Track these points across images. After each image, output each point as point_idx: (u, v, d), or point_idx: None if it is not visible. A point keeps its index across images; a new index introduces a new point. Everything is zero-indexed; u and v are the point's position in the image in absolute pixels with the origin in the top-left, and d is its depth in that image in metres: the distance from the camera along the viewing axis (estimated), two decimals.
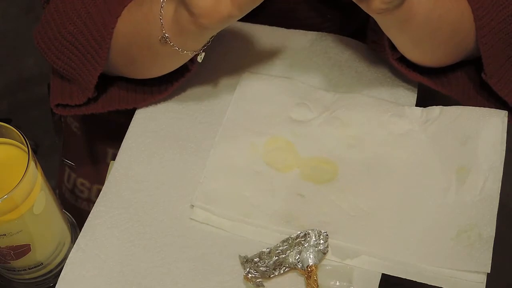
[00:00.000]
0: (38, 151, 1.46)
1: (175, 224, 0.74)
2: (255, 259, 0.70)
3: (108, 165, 0.80)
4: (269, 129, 0.79)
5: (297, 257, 0.70)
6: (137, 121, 0.81)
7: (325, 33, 0.87)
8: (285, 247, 0.71)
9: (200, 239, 0.73)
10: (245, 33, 0.87)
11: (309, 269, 0.69)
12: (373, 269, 0.70)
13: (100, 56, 0.75)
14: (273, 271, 0.70)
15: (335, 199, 0.74)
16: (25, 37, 1.74)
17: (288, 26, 0.88)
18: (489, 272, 0.68)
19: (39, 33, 0.79)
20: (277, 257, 0.70)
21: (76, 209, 0.95)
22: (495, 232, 0.70)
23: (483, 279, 0.69)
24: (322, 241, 0.71)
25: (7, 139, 0.68)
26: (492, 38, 0.75)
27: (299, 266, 0.70)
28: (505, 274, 1.34)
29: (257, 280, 0.69)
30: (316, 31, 0.88)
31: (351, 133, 0.78)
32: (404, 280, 0.70)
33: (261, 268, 0.70)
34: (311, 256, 0.70)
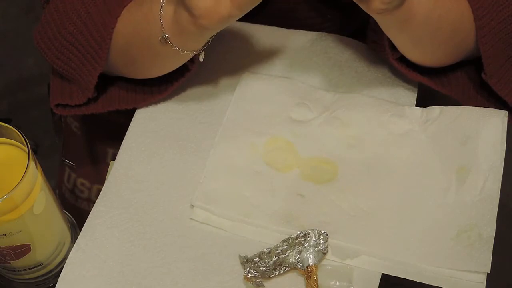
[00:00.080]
0: (38, 151, 1.46)
1: (175, 224, 0.74)
2: (255, 259, 0.70)
3: (108, 165, 0.80)
4: (269, 129, 0.79)
5: (297, 257, 0.70)
6: (137, 121, 0.81)
7: (325, 33, 0.87)
8: (285, 247, 0.71)
9: (200, 239, 0.73)
10: (245, 33, 0.87)
11: (309, 269, 0.69)
12: (373, 269, 0.70)
13: (100, 56, 0.75)
14: (273, 271, 0.70)
15: (335, 199, 0.74)
16: (25, 37, 1.74)
17: (288, 26, 0.88)
18: (489, 272, 0.68)
19: (39, 33, 0.79)
20: (277, 257, 0.70)
21: (76, 209, 0.95)
22: (495, 232, 0.70)
23: (483, 279, 0.69)
24: (322, 241, 0.71)
25: (7, 139, 0.68)
26: (492, 38, 0.75)
27: (299, 266, 0.70)
28: (505, 274, 1.34)
29: (257, 280, 0.69)
30: (316, 31, 0.88)
31: (351, 133, 0.78)
32: (404, 280, 0.70)
33: (261, 268, 0.70)
34: (311, 256, 0.70)
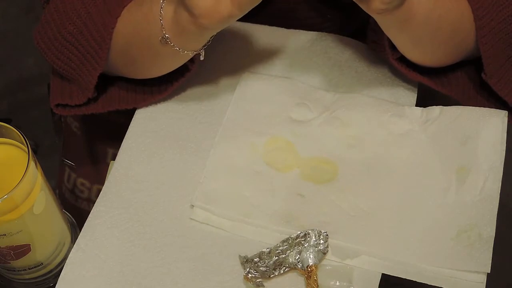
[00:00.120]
0: (38, 151, 1.46)
1: (175, 224, 0.74)
2: (255, 259, 0.70)
3: (108, 165, 0.80)
4: (269, 129, 0.79)
5: (297, 257, 0.70)
6: (137, 121, 0.81)
7: (325, 33, 0.87)
8: (285, 247, 0.71)
9: (200, 239, 0.73)
10: (245, 33, 0.87)
11: (309, 269, 0.69)
12: (373, 269, 0.70)
13: (99, 56, 0.75)
14: (273, 271, 0.70)
15: (335, 199, 0.74)
16: (25, 37, 1.74)
17: (288, 26, 0.88)
18: (489, 272, 0.68)
19: (39, 33, 0.79)
20: (277, 257, 0.70)
21: (76, 209, 0.95)
22: (495, 232, 0.70)
23: (483, 279, 0.69)
24: (322, 241, 0.71)
25: (7, 139, 0.68)
26: (492, 38, 0.75)
27: (299, 266, 0.70)
28: (505, 274, 1.34)
29: (257, 280, 0.69)
30: (316, 31, 0.88)
31: (351, 133, 0.78)
32: (404, 280, 0.70)
33: (261, 268, 0.70)
34: (311, 256, 0.70)
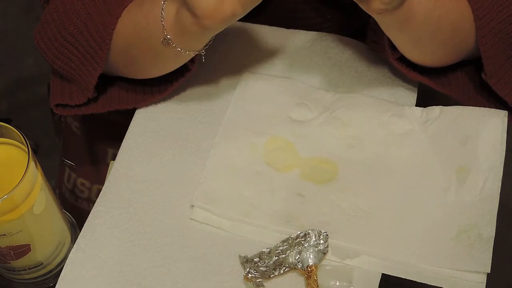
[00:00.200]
0: (38, 151, 1.46)
1: (175, 224, 0.74)
2: (255, 259, 0.70)
3: (108, 165, 0.80)
4: (269, 129, 0.79)
5: (297, 257, 0.70)
6: (137, 121, 0.81)
7: (325, 33, 0.87)
8: (285, 247, 0.70)
9: (200, 239, 0.73)
10: (245, 33, 0.87)
11: (309, 269, 0.69)
12: (373, 269, 0.70)
13: (99, 57, 0.75)
14: (273, 271, 0.70)
15: (335, 199, 0.74)
16: (25, 37, 1.74)
17: (288, 26, 0.88)
18: (489, 272, 0.68)
19: (39, 33, 0.79)
20: (277, 257, 0.70)
21: (76, 209, 0.95)
22: (495, 232, 0.70)
23: (483, 279, 0.69)
24: (322, 241, 0.71)
25: (7, 139, 0.68)
26: (492, 38, 0.75)
27: (299, 266, 0.70)
28: (505, 274, 1.34)
29: (257, 280, 0.69)
30: (316, 31, 0.88)
31: (351, 133, 0.78)
32: (404, 280, 0.70)
33: (261, 268, 0.70)
34: (311, 256, 0.70)
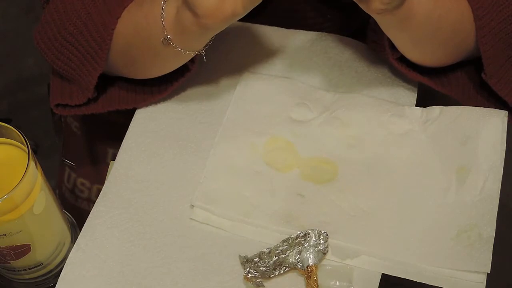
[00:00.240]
0: (38, 151, 1.46)
1: (175, 224, 0.74)
2: (255, 259, 0.70)
3: (108, 165, 0.80)
4: (269, 129, 0.79)
5: (297, 257, 0.70)
6: (137, 121, 0.81)
7: (325, 33, 0.87)
8: (285, 247, 0.70)
9: (200, 239, 0.73)
10: (245, 33, 0.87)
11: (309, 269, 0.69)
12: (373, 269, 0.70)
13: (99, 57, 0.75)
14: (273, 271, 0.70)
15: (335, 199, 0.74)
16: (25, 37, 1.74)
17: (288, 26, 0.88)
18: (489, 272, 0.68)
19: (39, 33, 0.79)
20: (277, 257, 0.70)
21: (76, 209, 0.95)
22: (495, 232, 0.70)
23: (483, 279, 0.69)
24: (322, 241, 0.71)
25: (7, 139, 0.68)
26: (492, 38, 0.75)
27: (299, 266, 0.70)
28: (505, 274, 1.34)
29: (257, 280, 0.69)
30: (316, 31, 0.88)
31: (351, 133, 0.78)
32: (404, 280, 0.70)
33: (261, 268, 0.70)
34: (311, 256, 0.70)
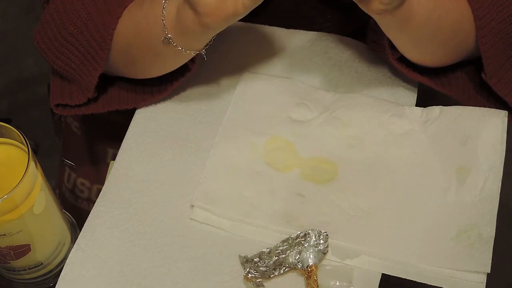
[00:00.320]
0: (38, 151, 1.46)
1: (175, 224, 0.74)
2: (255, 259, 0.70)
3: (108, 165, 0.80)
4: (269, 129, 0.79)
5: (297, 257, 0.70)
6: (137, 121, 0.81)
7: (325, 33, 0.87)
8: (285, 247, 0.71)
9: (200, 239, 0.73)
10: (245, 33, 0.87)
11: (309, 269, 0.69)
12: (373, 269, 0.70)
13: (100, 57, 0.75)
14: (273, 271, 0.70)
15: (335, 199, 0.74)
16: (25, 37, 1.74)
17: (288, 26, 0.88)
18: (489, 272, 0.68)
19: (39, 33, 0.79)
20: (277, 257, 0.70)
21: (76, 209, 0.95)
22: (495, 232, 0.70)
23: (483, 279, 0.69)
24: (322, 241, 0.71)
25: (7, 139, 0.68)
26: (492, 38, 0.75)
27: (299, 266, 0.70)
28: (505, 274, 1.34)
29: (257, 280, 0.69)
30: (316, 31, 0.88)
31: (351, 133, 0.78)
32: (404, 280, 0.70)
33: (261, 268, 0.70)
34: (311, 256, 0.70)
